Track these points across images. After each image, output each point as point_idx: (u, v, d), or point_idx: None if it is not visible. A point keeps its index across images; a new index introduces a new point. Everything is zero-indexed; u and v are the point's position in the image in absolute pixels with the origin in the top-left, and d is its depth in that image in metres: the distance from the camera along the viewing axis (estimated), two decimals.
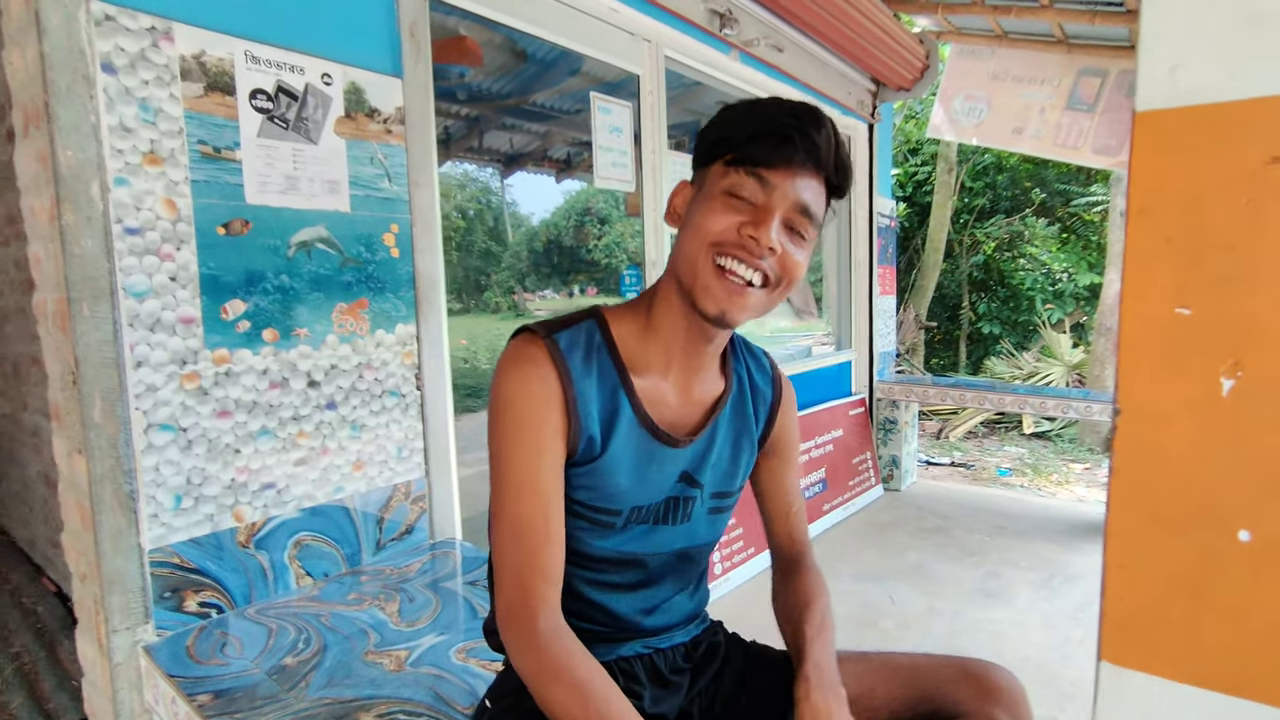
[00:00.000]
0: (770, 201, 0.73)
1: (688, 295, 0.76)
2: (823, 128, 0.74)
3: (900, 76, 3.58)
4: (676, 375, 0.83)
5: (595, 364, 0.79)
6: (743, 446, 0.89)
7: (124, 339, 1.12)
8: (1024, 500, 3.80)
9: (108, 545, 1.10)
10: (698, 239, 0.74)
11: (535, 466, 0.74)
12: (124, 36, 1.11)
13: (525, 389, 0.75)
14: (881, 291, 3.94)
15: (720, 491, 0.88)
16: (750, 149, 0.72)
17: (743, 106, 0.76)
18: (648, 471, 0.81)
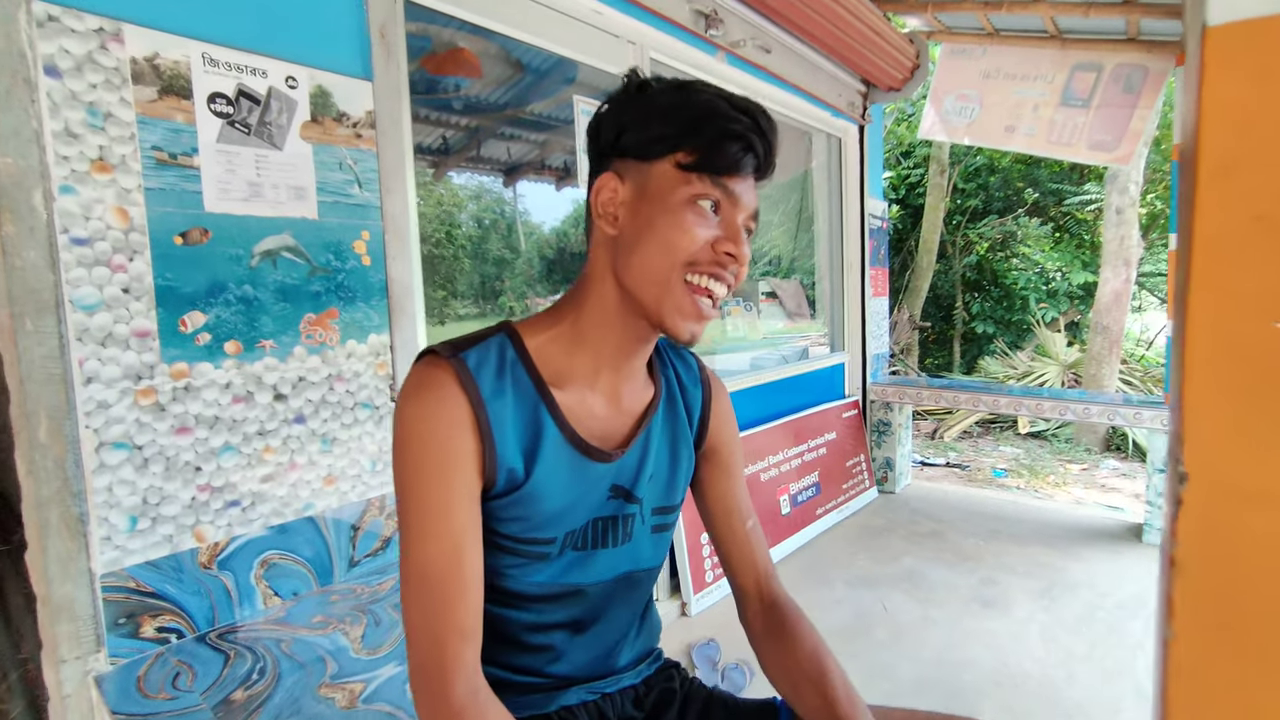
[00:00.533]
0: (736, 211, 0.70)
1: (648, 313, 0.70)
2: (775, 132, 0.70)
3: (890, 77, 3.55)
4: (605, 385, 0.76)
5: (510, 382, 0.71)
6: (680, 454, 0.83)
7: (72, 354, 1.07)
8: (1020, 503, 3.76)
9: (55, 570, 1.05)
10: (668, 258, 0.68)
11: (444, 503, 0.66)
12: (69, 38, 1.06)
13: (429, 417, 0.67)
14: (874, 293, 3.90)
15: (662, 506, 0.82)
16: (716, 156, 0.67)
17: (685, 100, 0.68)
18: (580, 492, 0.74)
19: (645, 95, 0.70)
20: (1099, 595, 2.54)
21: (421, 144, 3.59)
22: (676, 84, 0.71)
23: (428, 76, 2.63)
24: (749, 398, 2.96)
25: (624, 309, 0.72)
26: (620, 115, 0.71)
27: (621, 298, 0.72)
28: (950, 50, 3.57)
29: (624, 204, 0.71)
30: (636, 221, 0.70)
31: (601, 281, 0.73)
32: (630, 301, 0.71)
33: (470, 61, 2.46)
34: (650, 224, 0.68)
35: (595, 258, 0.74)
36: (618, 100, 0.72)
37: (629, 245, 0.70)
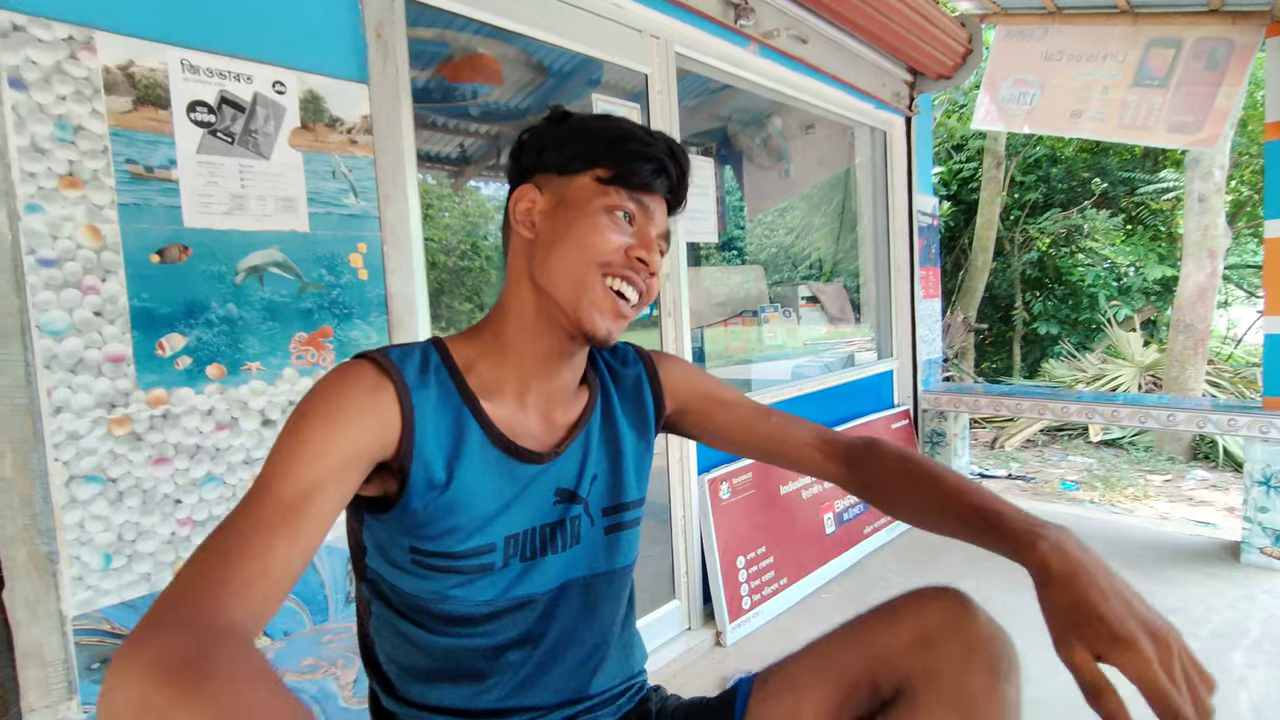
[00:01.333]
0: (649, 225, 0.74)
1: (566, 313, 0.72)
2: (687, 164, 0.77)
3: (939, 64, 3.33)
4: (535, 402, 0.77)
5: (434, 383, 0.71)
6: (624, 452, 0.82)
7: (40, 383, 1.00)
8: (1095, 518, 3.46)
9: (22, 614, 0.98)
10: (583, 257, 0.71)
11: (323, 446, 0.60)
12: (35, 48, 1.00)
13: (344, 385, 0.65)
14: (925, 295, 3.67)
15: (610, 506, 0.81)
16: (632, 172, 0.72)
17: (605, 125, 0.75)
18: (514, 494, 0.73)
19: (568, 123, 0.76)
20: (1192, 623, 2.28)
21: (439, 154, 3.54)
22: (599, 116, 0.77)
23: (446, 84, 2.56)
24: (790, 409, 2.79)
25: (541, 314, 0.74)
26: (544, 137, 0.76)
27: (539, 302, 0.74)
28: (1006, 32, 3.32)
29: (542, 212, 0.75)
30: (554, 226, 0.73)
31: (520, 287, 0.75)
32: (547, 304, 0.73)
33: (490, 67, 2.38)
34: (568, 227, 0.72)
35: (513, 266, 0.76)
36: (541, 127, 0.78)
37: (546, 247, 0.73)
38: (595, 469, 0.80)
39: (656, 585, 2.23)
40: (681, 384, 0.90)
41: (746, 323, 3.28)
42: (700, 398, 0.90)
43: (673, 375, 0.90)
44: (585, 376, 0.83)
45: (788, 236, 7.10)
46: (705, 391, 0.91)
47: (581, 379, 0.83)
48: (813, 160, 3.97)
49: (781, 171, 4.06)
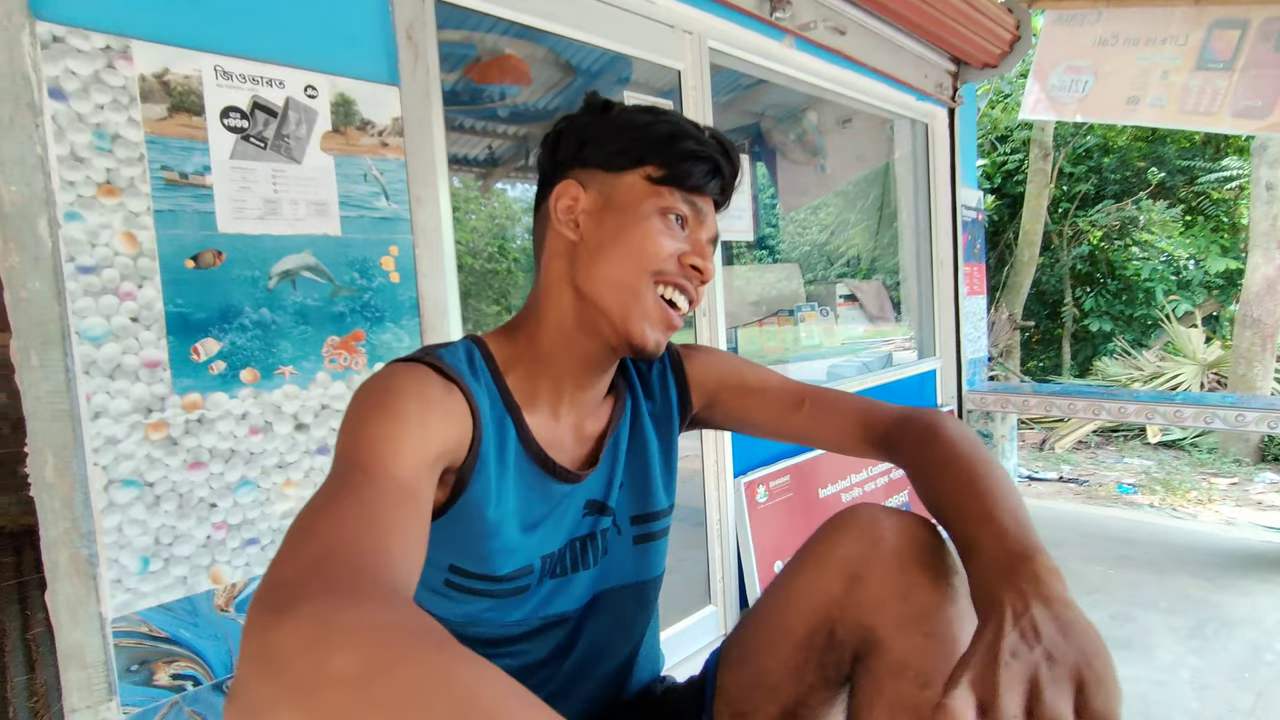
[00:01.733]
0: (701, 229, 0.71)
1: (614, 323, 0.68)
2: (739, 163, 0.72)
3: (985, 53, 3.22)
4: (567, 414, 0.74)
5: (483, 388, 0.68)
6: (651, 459, 0.79)
7: (79, 388, 1.02)
8: (1154, 523, 3.30)
9: (64, 616, 1.00)
10: (635, 265, 0.67)
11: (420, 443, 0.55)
12: (75, 59, 1.02)
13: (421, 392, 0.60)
14: (969, 292, 3.55)
15: (639, 515, 0.78)
16: (686, 173, 0.68)
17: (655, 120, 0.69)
18: (547, 511, 0.70)
19: (611, 114, 0.71)
20: (1265, 635, 2.14)
21: (467, 156, 3.56)
22: (645, 108, 0.72)
23: (474, 86, 2.57)
24: None
25: (581, 323, 0.70)
26: (583, 130, 0.71)
27: (580, 310, 0.69)
28: (1056, 17, 3.19)
29: (586, 211, 0.69)
30: (601, 229, 0.68)
31: (559, 292, 0.70)
32: (590, 313, 0.69)
33: (518, 68, 2.37)
34: (618, 232, 0.67)
35: (550, 267, 0.71)
36: (580, 117, 0.72)
37: (592, 252, 0.68)
38: (623, 477, 0.77)
39: (691, 590, 2.19)
40: (708, 376, 0.85)
41: (782, 322, 3.22)
42: (729, 388, 0.85)
43: (698, 369, 0.85)
44: (614, 384, 0.80)
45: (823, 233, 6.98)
46: (734, 380, 0.85)
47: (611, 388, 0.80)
48: (850, 155, 3.88)
49: (817, 167, 3.97)
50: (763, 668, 0.71)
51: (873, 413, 0.79)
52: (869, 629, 0.64)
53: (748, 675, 0.73)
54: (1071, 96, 3.13)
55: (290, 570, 0.40)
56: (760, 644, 0.73)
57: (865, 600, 0.65)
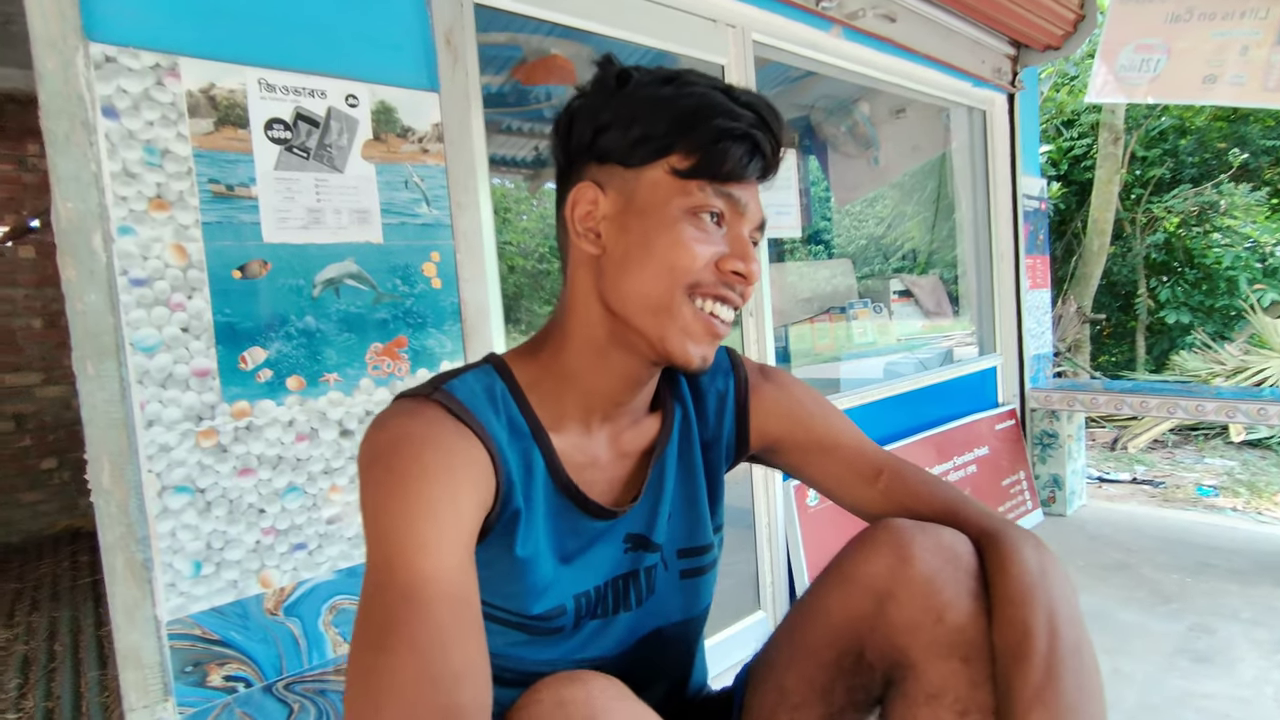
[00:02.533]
0: (742, 223, 0.61)
1: (649, 341, 0.60)
2: (783, 128, 0.61)
3: (1047, 34, 3.06)
4: (601, 428, 0.67)
5: (503, 419, 0.62)
6: (699, 487, 0.72)
7: (133, 397, 1.05)
8: (1238, 528, 3.08)
9: (121, 619, 1.03)
10: (666, 279, 0.59)
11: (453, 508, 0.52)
12: (126, 77, 1.05)
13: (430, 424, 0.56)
14: (1032, 285, 3.38)
15: (687, 548, 0.71)
16: (716, 160, 0.58)
17: (677, 94, 0.59)
18: (579, 550, 0.65)
19: (626, 90, 0.61)
20: None
21: (515, 158, 3.57)
22: (664, 75, 0.61)
23: (520, 87, 2.57)
24: (881, 410, 2.63)
25: (614, 339, 0.63)
26: (597, 113, 0.61)
27: (611, 327, 0.63)
28: None
29: (607, 218, 0.61)
30: (626, 239, 0.60)
31: (586, 307, 0.63)
32: (622, 329, 0.62)
33: (564, 68, 2.37)
34: (644, 242, 0.59)
35: (576, 280, 0.65)
36: (592, 95, 0.62)
37: (618, 266, 0.61)
38: (671, 506, 0.70)
39: (740, 596, 2.15)
40: (773, 419, 0.75)
41: (834, 319, 3.13)
42: (795, 437, 0.75)
43: (764, 407, 0.75)
44: (659, 392, 0.73)
45: (878, 227, 6.80)
46: (802, 429, 0.75)
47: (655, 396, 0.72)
48: (905, 146, 3.75)
49: (870, 159, 3.86)
50: (788, 688, 0.67)
51: (961, 514, 0.68)
52: (900, 651, 0.60)
53: (773, 695, 0.69)
54: (1142, 77, 2.95)
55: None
56: (786, 664, 0.69)
57: (897, 621, 0.60)
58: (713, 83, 0.60)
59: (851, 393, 2.55)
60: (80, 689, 2.20)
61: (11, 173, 3.95)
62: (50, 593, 3.09)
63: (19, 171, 3.97)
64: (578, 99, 0.63)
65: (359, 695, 0.43)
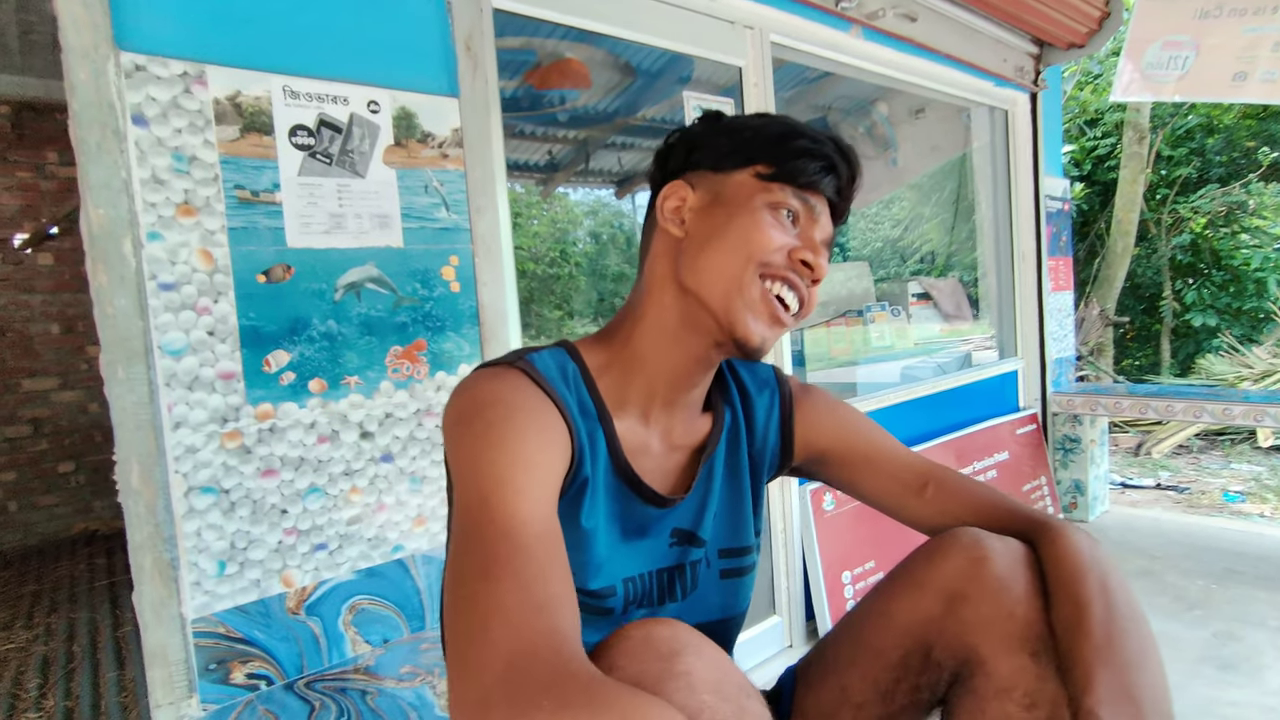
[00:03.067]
0: (814, 227, 0.68)
1: (718, 317, 0.65)
2: (858, 167, 0.70)
3: (1071, 32, 3.02)
4: (658, 418, 0.72)
5: (574, 392, 0.67)
6: (745, 488, 0.77)
7: (161, 399, 1.07)
8: (1266, 535, 3.02)
9: (149, 616, 1.05)
10: (741, 255, 0.64)
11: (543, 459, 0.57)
12: (155, 85, 1.07)
13: (516, 388, 0.61)
14: (1054, 287, 3.34)
15: (729, 548, 0.75)
16: (797, 170, 0.66)
17: (767, 122, 0.69)
18: (630, 534, 0.69)
19: (722, 123, 0.71)
20: None
21: (528, 161, 3.59)
22: (755, 114, 0.71)
23: (534, 91, 2.58)
24: (899, 414, 2.62)
25: (685, 320, 0.68)
26: (694, 139, 0.71)
27: (683, 307, 0.68)
28: None
29: (694, 209, 0.69)
30: (710, 223, 0.67)
31: (662, 290, 0.70)
32: (693, 309, 0.67)
33: (578, 72, 2.38)
34: (725, 224, 0.66)
35: (654, 268, 0.71)
36: (694, 129, 0.72)
37: (698, 245, 0.67)
38: (717, 505, 0.74)
39: (756, 600, 2.14)
40: (817, 432, 0.80)
41: (850, 323, 3.11)
42: (839, 451, 0.80)
43: (809, 420, 0.80)
44: (711, 397, 0.77)
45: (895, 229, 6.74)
46: (846, 443, 0.80)
47: (708, 400, 0.77)
48: (924, 146, 3.72)
49: (888, 160, 3.83)
50: (848, 687, 0.70)
51: (1007, 512, 0.73)
52: (970, 648, 0.63)
53: (830, 695, 0.71)
54: (1169, 75, 2.90)
55: (486, 677, 0.43)
56: (847, 664, 0.71)
57: (968, 619, 0.63)
58: (796, 121, 0.69)
59: (869, 397, 2.53)
60: (99, 689, 2.24)
61: (30, 180, 4.02)
62: (68, 594, 3.15)
63: (38, 179, 4.04)
64: (677, 132, 0.73)
65: (465, 618, 0.46)
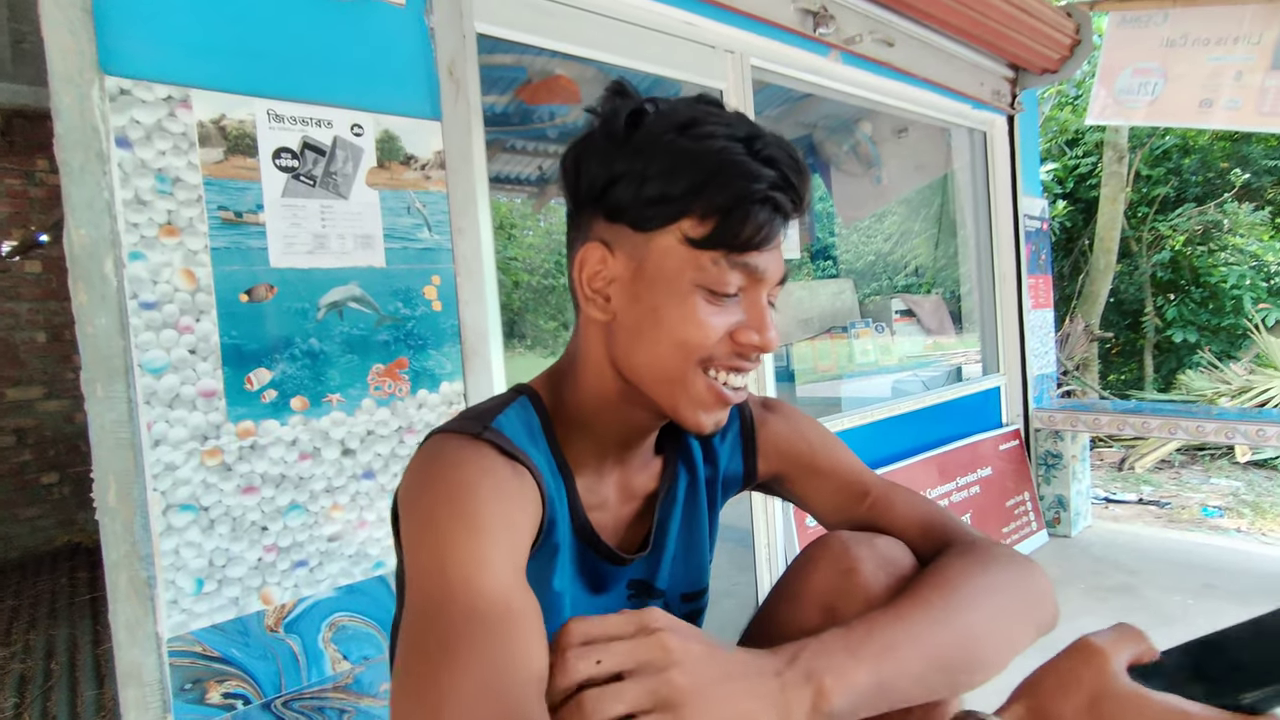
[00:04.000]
0: (761, 289, 0.58)
1: (664, 408, 0.60)
2: (807, 176, 0.57)
3: (1043, 58, 3.10)
4: (611, 471, 0.69)
5: (542, 451, 0.63)
6: (702, 532, 0.74)
7: (140, 418, 1.08)
8: (1242, 550, 3.07)
9: (123, 635, 1.05)
10: (680, 354, 0.57)
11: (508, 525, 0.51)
12: (140, 109, 1.09)
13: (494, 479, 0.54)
14: (1034, 304, 3.39)
15: (690, 592, 0.74)
16: (733, 229, 0.54)
17: (693, 148, 0.54)
18: (590, 590, 0.67)
19: (638, 137, 0.57)
20: None
21: (520, 175, 3.63)
22: (681, 119, 0.56)
23: (525, 107, 2.62)
24: (883, 430, 2.64)
25: (626, 398, 0.63)
26: (609, 160, 0.58)
27: (623, 388, 0.62)
28: (1121, 19, 3.04)
29: (616, 281, 0.59)
30: (637, 309, 0.58)
31: (598, 368, 0.63)
32: (635, 393, 0.62)
33: (568, 88, 2.42)
34: (654, 313, 0.57)
35: (587, 338, 0.63)
36: (602, 136, 0.58)
37: (630, 335, 0.59)
38: (675, 551, 0.72)
39: (740, 617, 2.15)
40: (778, 448, 0.77)
41: (835, 339, 3.15)
42: (798, 465, 0.77)
43: (771, 436, 0.76)
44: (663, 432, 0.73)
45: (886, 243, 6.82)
46: (805, 458, 0.77)
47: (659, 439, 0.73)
48: (908, 165, 3.79)
49: (873, 179, 3.90)
50: None
51: (940, 524, 0.69)
52: None
53: None
54: (1140, 100, 2.98)
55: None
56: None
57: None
58: (733, 130, 0.55)
59: (853, 412, 2.56)
60: (77, 708, 2.21)
61: (19, 187, 4.01)
62: (48, 610, 3.11)
63: (27, 186, 4.03)
64: (585, 139, 0.61)
65: (414, 708, 0.42)
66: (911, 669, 0.49)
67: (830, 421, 2.41)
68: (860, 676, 0.46)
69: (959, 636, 0.53)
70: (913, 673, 0.49)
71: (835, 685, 0.45)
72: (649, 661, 0.43)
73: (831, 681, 0.45)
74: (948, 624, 0.52)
